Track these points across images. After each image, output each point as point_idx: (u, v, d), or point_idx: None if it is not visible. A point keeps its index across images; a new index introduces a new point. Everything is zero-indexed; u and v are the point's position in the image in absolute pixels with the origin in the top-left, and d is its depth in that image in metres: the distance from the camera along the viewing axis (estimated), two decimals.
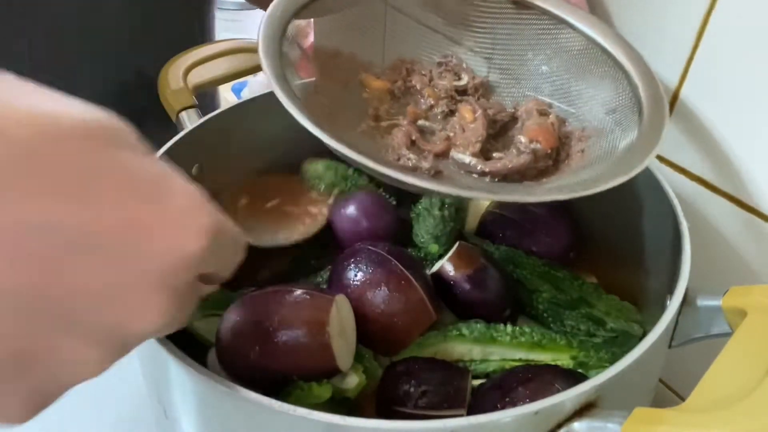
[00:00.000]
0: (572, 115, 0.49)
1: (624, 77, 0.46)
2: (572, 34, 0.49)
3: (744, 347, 0.35)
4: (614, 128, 0.46)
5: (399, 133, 0.46)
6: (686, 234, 0.43)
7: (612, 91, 0.47)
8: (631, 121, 0.44)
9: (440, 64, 0.53)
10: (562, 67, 0.50)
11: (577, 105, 0.49)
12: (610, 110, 0.47)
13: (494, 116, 0.49)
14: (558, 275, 0.52)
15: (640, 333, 0.49)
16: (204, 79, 0.63)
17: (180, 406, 0.40)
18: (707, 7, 0.46)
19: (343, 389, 0.43)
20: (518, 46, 0.51)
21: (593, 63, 0.49)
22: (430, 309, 0.47)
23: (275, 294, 0.44)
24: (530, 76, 0.51)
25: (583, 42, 0.49)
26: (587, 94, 0.49)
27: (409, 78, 0.51)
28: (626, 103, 0.46)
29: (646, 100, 0.44)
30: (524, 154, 0.45)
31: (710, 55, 0.47)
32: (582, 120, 0.48)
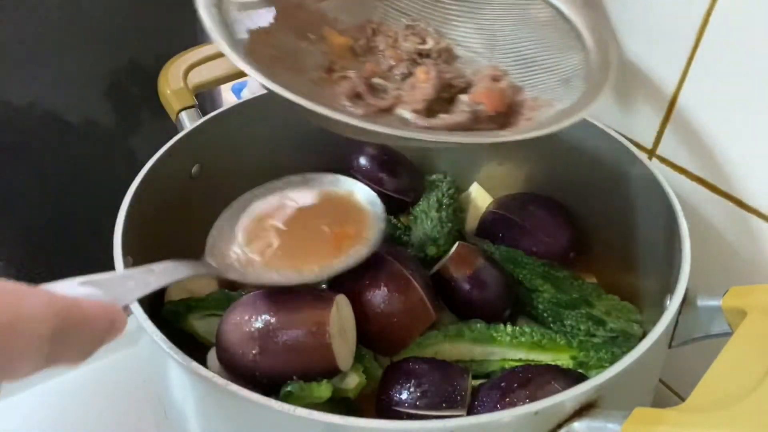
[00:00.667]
0: (529, 84, 0.48)
1: (582, 48, 0.46)
2: (542, 5, 0.49)
3: (744, 347, 0.35)
4: (564, 98, 0.46)
5: (345, 84, 0.46)
6: (686, 234, 0.43)
7: (570, 61, 0.47)
8: (580, 89, 0.45)
9: (408, 27, 0.52)
10: (527, 38, 0.49)
11: (536, 75, 0.48)
12: (564, 81, 0.47)
13: (450, 80, 0.48)
14: (558, 275, 0.52)
15: (640, 333, 0.49)
16: (204, 79, 0.63)
17: (180, 406, 0.40)
18: (707, 7, 0.46)
19: (343, 389, 0.43)
20: (486, 14, 0.51)
21: (557, 34, 0.48)
22: (430, 309, 0.47)
23: (275, 294, 0.44)
24: (495, 44, 0.51)
25: (551, 13, 0.49)
26: (546, 65, 0.48)
27: (373, 38, 0.51)
28: (580, 74, 0.46)
29: (595, 66, 0.44)
30: (463, 113, 0.44)
31: (710, 55, 0.47)
32: (537, 90, 0.48)
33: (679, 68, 0.49)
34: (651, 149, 0.53)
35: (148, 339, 0.38)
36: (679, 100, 0.50)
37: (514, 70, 0.49)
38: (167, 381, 0.39)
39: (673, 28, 0.49)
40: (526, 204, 0.58)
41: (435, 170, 0.64)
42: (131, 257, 0.44)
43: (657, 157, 0.53)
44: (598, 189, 0.56)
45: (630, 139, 0.53)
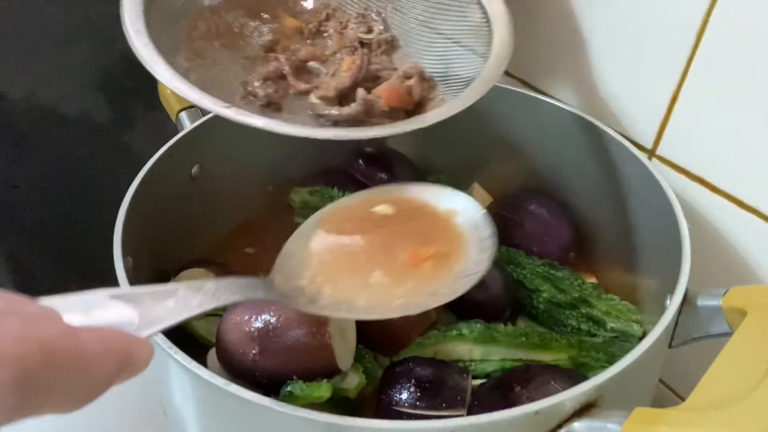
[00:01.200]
0: (444, 81, 0.48)
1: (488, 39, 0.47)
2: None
3: (744, 347, 0.35)
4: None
5: (268, 65, 0.46)
6: (686, 234, 0.43)
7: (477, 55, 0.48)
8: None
9: (359, 15, 0.52)
10: (456, 35, 0.50)
11: (452, 71, 0.49)
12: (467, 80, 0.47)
13: (377, 72, 0.48)
14: (558, 275, 0.52)
15: (640, 333, 0.49)
16: None
17: (180, 406, 0.40)
18: (707, 7, 0.46)
19: (343, 389, 0.43)
20: (424, 7, 0.51)
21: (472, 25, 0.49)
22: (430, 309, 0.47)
23: None
24: (422, 37, 0.51)
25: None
26: (462, 61, 0.48)
27: (325, 23, 0.51)
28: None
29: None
30: (355, 105, 0.44)
31: (710, 55, 0.47)
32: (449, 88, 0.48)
33: (679, 68, 0.49)
34: (651, 149, 0.53)
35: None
36: (679, 100, 0.50)
37: (437, 67, 0.49)
38: (167, 381, 0.39)
39: (673, 28, 0.49)
40: (526, 204, 0.58)
41: (435, 170, 0.64)
42: (131, 257, 0.44)
43: (657, 157, 0.53)
44: (598, 189, 0.56)
45: (630, 139, 0.53)
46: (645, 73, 0.52)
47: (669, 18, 0.49)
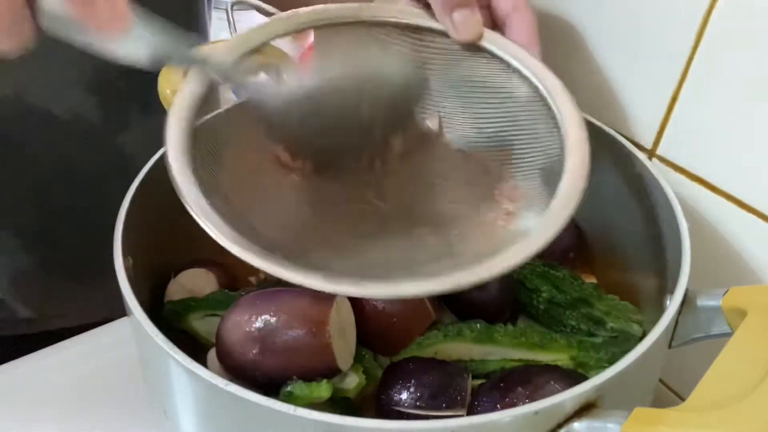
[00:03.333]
0: (510, 170, 0.47)
1: (557, 134, 0.44)
2: (518, 82, 0.47)
3: (744, 347, 0.35)
4: (539, 190, 0.44)
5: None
6: (686, 234, 0.43)
7: (547, 149, 0.45)
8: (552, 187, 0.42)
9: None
10: (506, 117, 0.47)
11: (514, 160, 0.47)
12: (541, 169, 0.45)
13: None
14: (558, 275, 0.52)
15: (640, 333, 0.49)
16: None
17: (180, 405, 0.40)
18: (707, 7, 0.46)
19: (343, 389, 0.43)
20: (465, 90, 0.49)
21: (537, 115, 0.46)
22: (430, 309, 0.48)
23: (275, 294, 0.44)
24: (472, 122, 0.49)
25: (528, 91, 0.46)
26: (524, 149, 0.46)
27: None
28: (555, 163, 0.43)
29: (569, 163, 0.42)
30: None
31: (710, 54, 0.47)
32: (517, 178, 0.46)
33: (679, 68, 0.49)
34: (651, 149, 0.54)
35: (148, 339, 0.38)
36: (679, 100, 0.50)
37: (495, 154, 0.48)
38: (167, 381, 0.39)
39: (673, 27, 0.49)
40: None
41: None
42: (131, 257, 0.44)
43: (657, 157, 0.53)
44: (598, 189, 0.56)
45: (630, 139, 0.53)
46: (645, 72, 0.52)
47: (669, 18, 0.49)
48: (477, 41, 0.47)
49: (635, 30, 0.52)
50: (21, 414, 0.58)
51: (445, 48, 0.49)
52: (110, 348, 0.63)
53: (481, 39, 0.47)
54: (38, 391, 0.60)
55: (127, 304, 0.40)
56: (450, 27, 0.47)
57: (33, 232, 0.73)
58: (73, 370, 0.61)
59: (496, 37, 0.48)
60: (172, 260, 0.53)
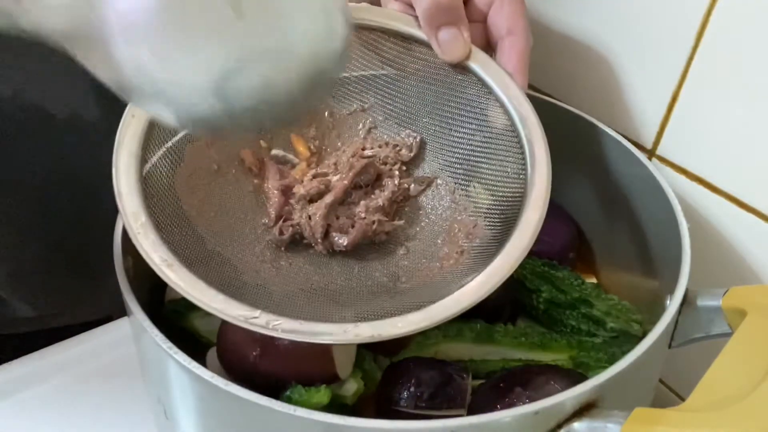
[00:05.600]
0: (474, 203, 0.46)
1: (523, 172, 0.43)
2: (497, 112, 0.45)
3: (744, 347, 0.35)
4: (496, 231, 0.43)
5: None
6: (686, 234, 0.43)
7: (512, 183, 0.44)
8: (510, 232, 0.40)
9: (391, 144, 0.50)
10: (480, 147, 0.46)
11: (481, 193, 0.46)
12: (503, 208, 0.44)
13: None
14: (558, 275, 0.52)
15: (640, 333, 0.49)
16: None
17: (180, 405, 0.40)
18: (707, 7, 0.46)
19: (342, 395, 0.43)
20: (448, 110, 0.48)
21: (509, 152, 0.44)
22: None
23: None
24: (450, 147, 0.48)
25: (504, 123, 0.45)
26: (494, 184, 0.45)
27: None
28: (515, 204, 0.42)
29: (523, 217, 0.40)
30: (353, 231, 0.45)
31: (710, 54, 0.47)
32: (477, 212, 0.46)
33: (679, 68, 0.49)
34: (651, 149, 0.54)
35: (148, 339, 0.38)
36: (679, 100, 0.50)
37: (463, 180, 0.47)
38: (167, 381, 0.39)
39: (673, 27, 0.49)
40: None
41: None
42: (131, 257, 0.44)
43: (657, 157, 0.53)
44: (598, 189, 0.56)
45: (630, 139, 0.53)
46: (645, 73, 0.52)
47: (669, 18, 0.49)
48: (463, 61, 0.45)
49: (635, 30, 0.52)
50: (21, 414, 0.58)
51: (430, 61, 0.47)
52: (110, 348, 0.63)
53: (468, 59, 0.45)
54: (38, 391, 0.60)
55: (127, 304, 0.40)
56: (435, 45, 0.45)
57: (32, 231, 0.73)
58: (73, 370, 0.61)
59: (483, 59, 0.45)
60: None
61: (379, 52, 0.48)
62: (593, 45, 0.55)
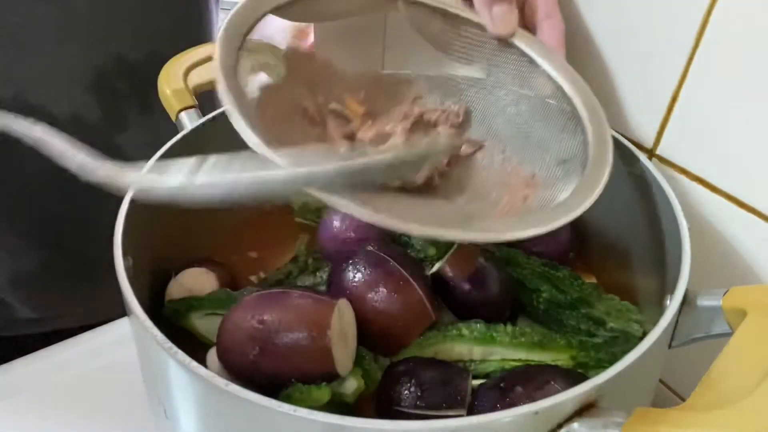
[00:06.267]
0: (528, 159, 0.49)
1: (581, 133, 0.46)
2: (545, 80, 0.49)
3: (744, 347, 0.35)
4: (560, 181, 0.46)
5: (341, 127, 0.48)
6: (686, 234, 0.43)
7: (568, 143, 0.47)
8: (575, 174, 0.44)
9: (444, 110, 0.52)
10: (528, 112, 0.50)
11: (532, 152, 0.49)
12: (561, 161, 0.47)
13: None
14: (558, 275, 0.52)
15: (640, 333, 0.49)
16: (204, 79, 0.63)
17: (180, 405, 0.40)
18: (707, 7, 0.46)
19: (342, 393, 0.43)
20: (493, 83, 0.51)
21: (558, 113, 0.48)
22: (429, 309, 0.47)
23: (278, 295, 0.44)
24: (495, 115, 0.51)
25: (552, 89, 0.49)
26: (545, 143, 0.48)
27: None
28: (578, 158, 0.46)
29: (592, 156, 0.44)
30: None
31: (710, 54, 0.47)
32: (535, 166, 0.48)
33: (679, 68, 0.49)
34: (651, 149, 0.54)
35: (149, 339, 0.38)
36: (679, 100, 0.50)
37: (514, 143, 0.49)
38: (167, 381, 0.39)
39: (673, 27, 0.49)
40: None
41: None
42: (131, 257, 0.44)
43: (657, 157, 0.53)
44: None
45: (630, 139, 0.53)
46: (645, 73, 0.52)
47: (669, 18, 0.49)
48: (510, 37, 0.49)
49: (635, 30, 0.52)
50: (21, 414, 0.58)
51: (474, 38, 0.50)
52: (110, 348, 0.63)
53: (514, 36, 0.49)
54: (38, 391, 0.60)
55: (127, 303, 0.40)
56: (488, 20, 0.49)
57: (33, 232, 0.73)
58: (73, 370, 0.62)
59: (526, 35, 0.49)
60: (172, 260, 0.53)
61: (423, 29, 0.51)
62: (594, 45, 0.55)
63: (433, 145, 0.47)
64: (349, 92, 0.52)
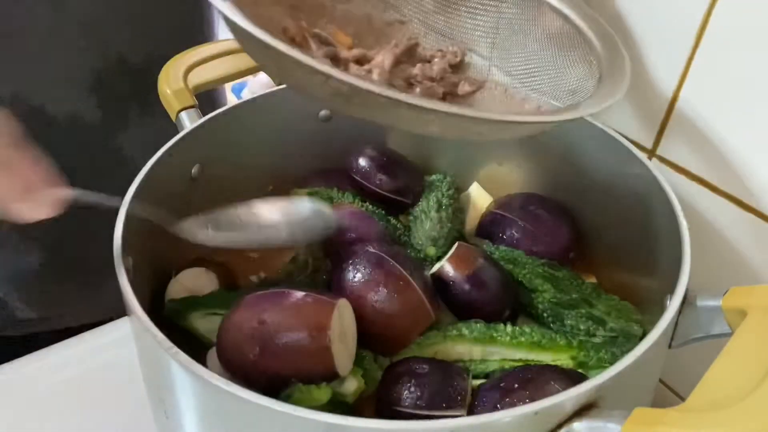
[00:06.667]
0: (535, 91, 0.48)
1: (594, 59, 0.46)
2: (551, 14, 0.48)
3: (744, 347, 0.35)
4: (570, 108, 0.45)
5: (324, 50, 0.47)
6: (686, 234, 0.43)
7: (579, 72, 0.47)
8: (587, 94, 0.44)
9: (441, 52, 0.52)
10: (535, 48, 0.49)
11: (542, 83, 0.48)
12: (571, 91, 0.46)
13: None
14: (558, 275, 0.52)
15: (640, 333, 0.49)
16: (204, 79, 0.63)
17: (180, 406, 0.40)
18: (707, 7, 0.46)
19: (342, 393, 0.43)
20: (495, 22, 0.50)
21: (566, 45, 0.48)
22: (429, 309, 0.48)
23: (278, 296, 0.44)
24: (502, 54, 0.50)
25: (560, 23, 0.48)
26: (555, 75, 0.48)
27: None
28: (589, 83, 0.45)
29: (606, 68, 0.44)
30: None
31: (710, 55, 0.47)
32: (541, 99, 0.48)
33: (679, 68, 0.49)
34: (651, 149, 0.54)
35: (149, 339, 0.38)
36: (679, 100, 0.50)
37: (519, 80, 0.48)
38: (167, 381, 0.39)
39: (673, 28, 0.49)
40: (526, 204, 0.58)
41: (435, 171, 0.64)
42: (131, 257, 0.44)
43: (657, 157, 0.53)
44: (598, 189, 0.56)
45: (630, 139, 0.53)
46: (645, 73, 0.52)
47: (669, 18, 0.49)
48: None
49: (635, 30, 0.52)
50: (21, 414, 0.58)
51: None
52: (110, 348, 0.63)
53: None
54: (38, 391, 0.60)
55: (128, 303, 0.40)
56: None
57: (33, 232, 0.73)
58: (73, 370, 0.61)
59: None
60: (172, 260, 0.53)
61: None
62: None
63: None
64: (337, 26, 0.50)
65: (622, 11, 0.52)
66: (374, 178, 0.60)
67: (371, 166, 0.60)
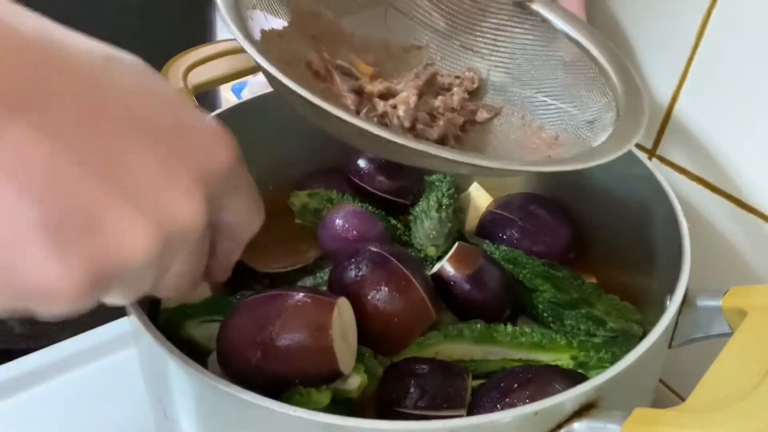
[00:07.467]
0: (550, 122, 0.49)
1: (610, 91, 0.46)
2: (567, 43, 0.49)
3: (744, 347, 0.35)
4: (588, 138, 0.46)
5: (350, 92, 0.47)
6: (686, 234, 0.43)
7: (596, 103, 0.47)
8: (606, 130, 0.44)
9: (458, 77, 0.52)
10: (551, 76, 0.49)
11: (559, 114, 0.49)
12: (588, 122, 0.47)
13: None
14: (558, 275, 0.52)
15: (640, 333, 0.49)
16: (204, 79, 0.63)
17: (180, 406, 0.40)
18: (707, 8, 0.46)
19: (346, 390, 0.43)
20: (511, 49, 0.51)
21: (582, 75, 0.48)
22: (431, 309, 0.47)
23: (277, 297, 0.44)
24: (517, 79, 0.51)
25: (576, 52, 0.48)
26: (571, 105, 0.48)
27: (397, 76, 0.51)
28: (606, 115, 0.45)
29: (623, 109, 0.44)
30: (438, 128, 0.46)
31: (710, 55, 0.47)
32: (559, 128, 0.48)
33: (679, 68, 0.49)
34: (651, 149, 0.54)
35: (148, 339, 0.38)
36: (679, 101, 0.50)
37: (535, 107, 0.49)
38: (167, 381, 0.39)
39: (672, 28, 0.49)
40: (526, 204, 0.58)
41: (435, 171, 0.64)
42: None
43: (657, 157, 0.53)
44: (598, 189, 0.56)
45: None
46: (645, 73, 0.52)
47: (669, 18, 0.49)
48: (529, 2, 0.49)
49: (635, 30, 0.52)
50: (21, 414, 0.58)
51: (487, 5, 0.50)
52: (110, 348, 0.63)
53: (533, 2, 0.49)
54: (38, 391, 0.60)
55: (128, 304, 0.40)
56: None
57: None
58: (73, 370, 0.61)
59: (545, 1, 0.49)
60: None
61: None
62: None
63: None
64: (357, 54, 0.50)
65: (622, 12, 0.52)
66: (374, 179, 0.60)
67: (371, 167, 0.60)
